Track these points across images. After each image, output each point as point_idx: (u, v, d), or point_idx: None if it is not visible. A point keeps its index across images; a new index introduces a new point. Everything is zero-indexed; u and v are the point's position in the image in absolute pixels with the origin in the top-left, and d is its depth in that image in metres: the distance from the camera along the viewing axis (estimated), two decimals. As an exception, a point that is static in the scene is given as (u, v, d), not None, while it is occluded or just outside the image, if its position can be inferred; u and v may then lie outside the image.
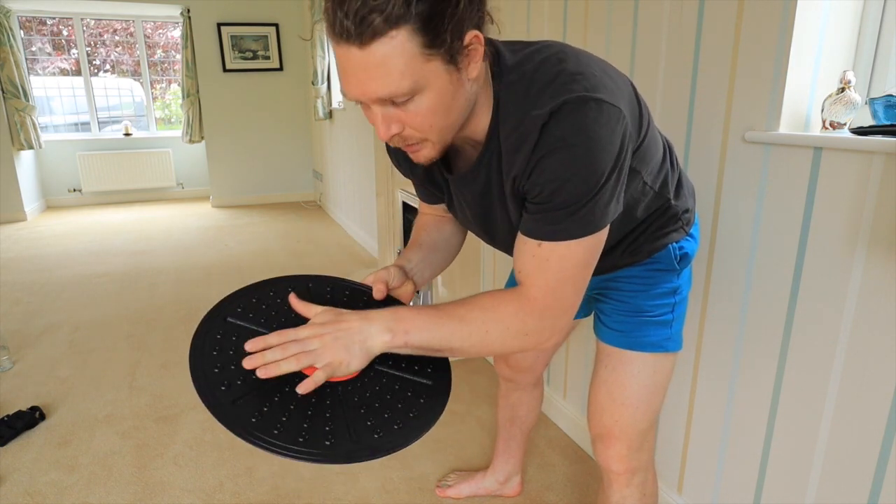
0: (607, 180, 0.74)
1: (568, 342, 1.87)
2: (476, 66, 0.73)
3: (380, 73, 0.67)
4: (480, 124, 0.80)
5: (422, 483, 1.68)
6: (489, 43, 0.75)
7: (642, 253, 0.99)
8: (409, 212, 2.99)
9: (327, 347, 0.75)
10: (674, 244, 0.99)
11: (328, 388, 0.78)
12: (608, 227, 0.80)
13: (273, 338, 0.77)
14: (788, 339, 1.13)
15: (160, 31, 6.03)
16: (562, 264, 0.78)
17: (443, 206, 1.05)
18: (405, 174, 1.00)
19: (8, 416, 1.96)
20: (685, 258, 1.01)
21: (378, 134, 0.74)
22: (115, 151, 5.90)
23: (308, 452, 0.69)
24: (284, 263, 3.89)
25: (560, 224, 0.76)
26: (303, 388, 0.74)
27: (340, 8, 0.64)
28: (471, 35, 0.70)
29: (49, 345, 2.62)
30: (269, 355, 0.75)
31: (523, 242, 0.80)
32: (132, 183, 6.02)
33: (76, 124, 5.96)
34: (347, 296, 0.95)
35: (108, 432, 1.94)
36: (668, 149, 0.95)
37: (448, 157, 0.89)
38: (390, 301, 0.95)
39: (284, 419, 0.72)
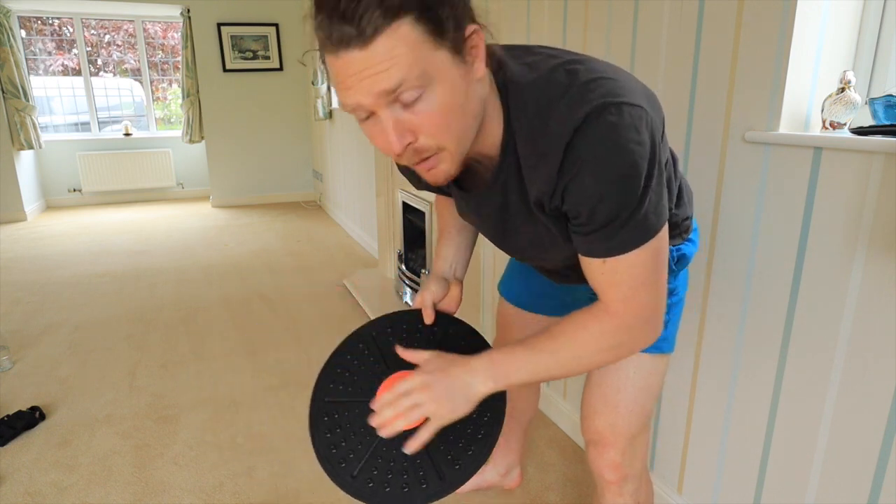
0: (648, 182, 0.71)
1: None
2: (480, 65, 0.68)
3: (386, 65, 0.61)
4: (491, 138, 0.76)
5: (422, 483, 1.68)
6: (488, 47, 0.71)
7: None
8: (409, 212, 2.99)
9: (434, 401, 0.80)
10: (672, 248, 0.98)
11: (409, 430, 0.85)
12: (666, 225, 0.77)
13: (386, 396, 0.83)
14: (788, 339, 1.13)
15: (171, 31, 6.02)
16: (632, 273, 0.76)
17: None
18: (415, 185, 0.99)
19: (8, 416, 1.96)
20: (682, 259, 1.00)
21: (390, 148, 0.66)
22: (115, 151, 5.90)
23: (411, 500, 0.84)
24: (284, 263, 3.89)
25: (615, 239, 0.74)
26: (411, 448, 0.82)
27: (334, 14, 0.60)
28: (471, 28, 0.67)
29: (49, 345, 2.62)
30: (385, 413, 0.82)
31: (588, 263, 0.78)
32: (132, 183, 6.02)
33: (76, 124, 5.96)
34: (406, 329, 1.02)
35: (108, 432, 1.94)
36: (674, 159, 0.93)
37: (459, 176, 0.81)
38: (443, 318, 1.01)
39: (390, 476, 0.85)
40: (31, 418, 1.96)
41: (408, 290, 2.90)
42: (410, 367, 0.88)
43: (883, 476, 1.00)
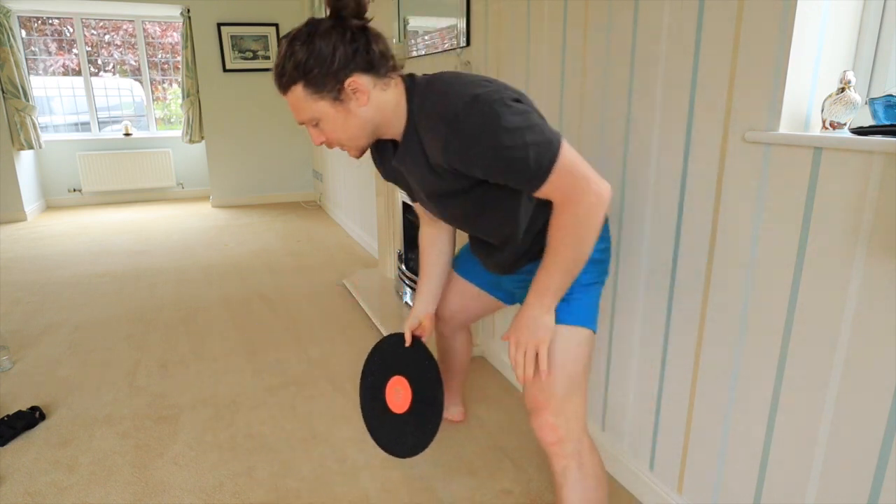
0: (517, 125, 1.01)
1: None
2: (363, 99, 1.08)
3: (294, 109, 1.11)
4: (397, 128, 1.15)
5: (422, 483, 1.68)
6: (404, 77, 1.13)
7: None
8: (408, 212, 3.00)
9: (528, 341, 1.17)
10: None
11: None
12: (562, 141, 1.05)
13: (514, 356, 1.20)
14: (788, 339, 1.13)
15: (171, 31, 6.03)
16: (562, 175, 1.05)
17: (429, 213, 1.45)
18: (386, 178, 1.37)
19: (8, 416, 1.96)
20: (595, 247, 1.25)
21: (314, 142, 1.20)
22: (115, 151, 5.91)
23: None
24: (284, 263, 3.89)
25: (527, 173, 1.04)
26: (543, 368, 1.18)
27: (273, 76, 1.10)
28: (349, 82, 1.05)
29: (49, 345, 2.62)
30: (518, 370, 1.20)
31: (537, 196, 1.11)
32: (132, 183, 6.02)
33: (76, 124, 5.96)
34: (399, 344, 1.58)
35: (108, 432, 1.94)
36: None
37: (383, 151, 1.29)
38: (418, 346, 1.52)
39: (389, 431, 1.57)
40: (31, 418, 1.96)
41: (408, 289, 2.90)
42: (403, 371, 1.53)
43: (883, 476, 1.00)
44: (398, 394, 1.56)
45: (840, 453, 1.06)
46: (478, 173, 1.07)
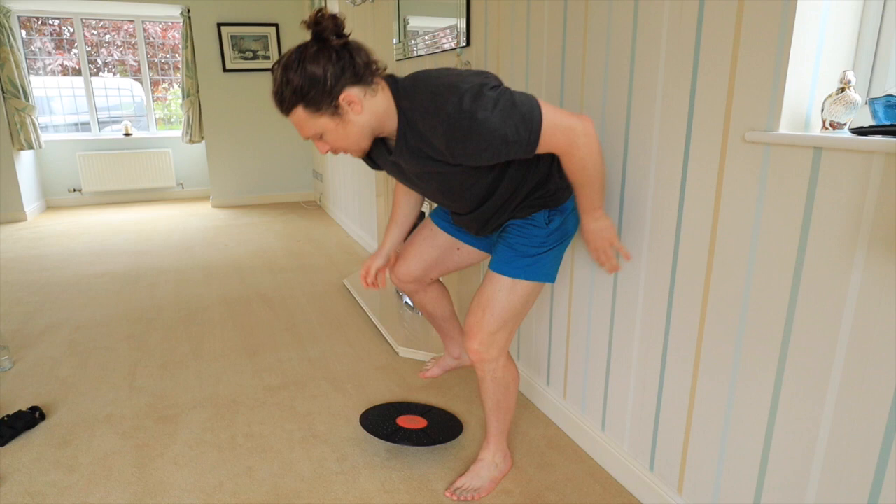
0: (504, 110, 1.16)
1: (568, 344, 1.87)
2: (357, 108, 1.22)
3: (299, 128, 1.26)
4: (390, 127, 1.29)
5: (422, 483, 1.68)
6: (387, 78, 1.27)
7: (524, 212, 1.46)
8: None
9: (607, 239, 1.47)
10: (545, 210, 1.45)
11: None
12: (540, 107, 1.21)
13: (598, 248, 1.50)
14: (788, 339, 1.13)
15: (171, 31, 6.02)
16: (550, 134, 1.23)
17: None
18: (377, 169, 1.55)
19: (8, 416, 1.95)
20: (552, 220, 1.46)
21: (321, 152, 1.31)
22: (115, 151, 5.91)
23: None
24: (284, 263, 3.89)
25: (521, 146, 1.21)
26: (613, 267, 1.53)
27: (273, 101, 1.24)
28: (343, 97, 1.19)
29: (49, 345, 2.62)
30: (605, 263, 1.51)
31: (535, 155, 1.34)
32: (132, 183, 6.02)
33: (76, 124, 5.96)
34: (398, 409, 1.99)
35: (108, 432, 1.94)
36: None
37: (380, 148, 1.40)
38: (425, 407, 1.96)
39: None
40: (31, 418, 1.96)
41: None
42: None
43: (883, 476, 1.00)
44: (412, 421, 1.89)
45: (840, 453, 1.06)
46: (483, 161, 1.24)
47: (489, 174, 1.36)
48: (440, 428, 1.86)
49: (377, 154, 1.41)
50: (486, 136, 1.17)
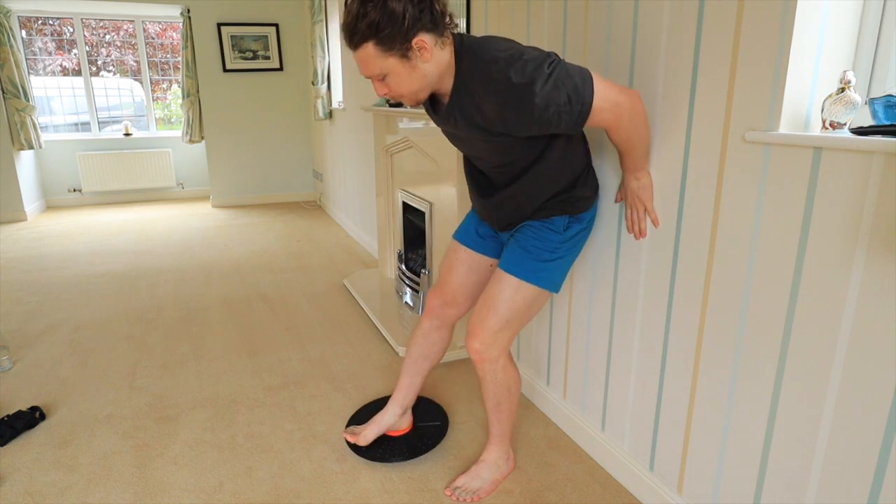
0: (559, 86, 1.16)
1: (568, 344, 1.87)
2: (427, 56, 1.19)
3: (363, 64, 1.22)
4: (447, 85, 1.27)
5: (422, 483, 1.68)
6: (455, 35, 1.24)
7: (544, 213, 1.46)
8: (409, 212, 3.00)
9: (648, 196, 1.46)
10: (566, 216, 1.46)
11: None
12: (593, 82, 1.19)
13: (636, 211, 1.52)
14: (788, 339, 1.13)
15: (171, 31, 6.03)
16: (599, 112, 1.23)
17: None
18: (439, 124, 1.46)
19: (8, 416, 1.96)
20: (570, 227, 1.47)
21: (377, 94, 1.28)
22: (115, 151, 5.90)
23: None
24: (284, 263, 3.89)
25: (571, 120, 1.21)
26: (640, 232, 1.51)
27: (343, 31, 1.20)
28: (416, 40, 1.16)
29: (49, 345, 2.62)
30: (638, 224, 1.50)
31: (574, 148, 1.41)
32: (132, 183, 6.02)
33: (76, 124, 5.96)
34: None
35: (108, 432, 1.94)
36: (586, 141, 1.48)
37: (438, 106, 1.38)
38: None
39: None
40: (31, 418, 1.96)
41: (407, 290, 2.90)
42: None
43: (883, 476, 1.00)
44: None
45: (840, 453, 1.06)
46: (532, 131, 1.25)
47: (530, 150, 1.35)
48: (423, 432, 1.85)
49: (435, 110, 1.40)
50: (541, 106, 1.16)
